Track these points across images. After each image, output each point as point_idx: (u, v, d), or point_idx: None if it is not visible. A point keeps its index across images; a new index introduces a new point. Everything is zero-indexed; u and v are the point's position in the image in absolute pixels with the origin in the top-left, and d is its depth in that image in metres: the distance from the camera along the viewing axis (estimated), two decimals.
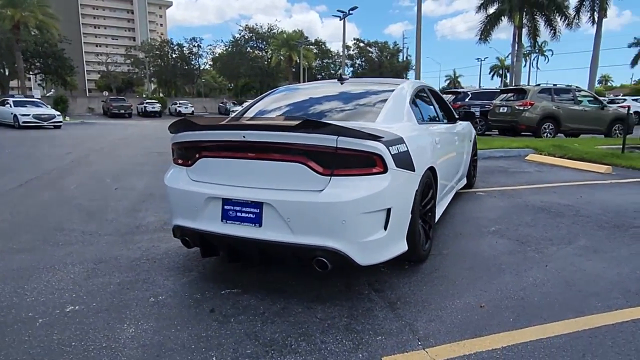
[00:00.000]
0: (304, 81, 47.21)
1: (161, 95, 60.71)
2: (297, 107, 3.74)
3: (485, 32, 32.24)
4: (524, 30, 30.35)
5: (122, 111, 39.40)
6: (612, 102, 24.99)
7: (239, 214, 2.74)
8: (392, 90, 3.63)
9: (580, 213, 4.86)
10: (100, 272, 3.31)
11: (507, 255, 3.61)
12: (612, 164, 7.84)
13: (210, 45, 78.54)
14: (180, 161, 3.12)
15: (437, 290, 2.98)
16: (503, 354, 2.23)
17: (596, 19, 29.19)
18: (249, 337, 2.40)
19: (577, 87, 14.40)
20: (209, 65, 61.34)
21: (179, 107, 44.24)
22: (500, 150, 9.77)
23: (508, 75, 64.23)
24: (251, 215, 2.70)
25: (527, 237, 4.04)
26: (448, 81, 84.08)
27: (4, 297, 2.90)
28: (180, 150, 3.10)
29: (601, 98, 15.35)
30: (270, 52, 55.09)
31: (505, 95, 14.14)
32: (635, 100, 27.80)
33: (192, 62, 58.32)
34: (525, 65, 50.49)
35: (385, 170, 2.64)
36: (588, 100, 13.63)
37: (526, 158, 9.35)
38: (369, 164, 2.62)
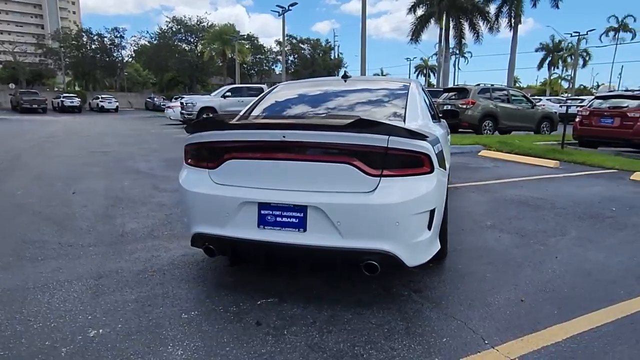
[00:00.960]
0: (241, 77, 46.18)
1: (77, 88, 56.03)
2: (315, 105, 3.58)
3: (416, 33, 33.99)
4: (451, 32, 32.32)
5: (35, 106, 35.62)
6: None
7: (278, 218, 2.57)
8: (406, 89, 3.63)
9: (556, 206, 5.23)
10: (106, 289, 2.95)
11: (516, 249, 3.77)
12: (557, 158, 8.54)
13: (135, 36, 74.05)
14: (200, 163, 2.84)
15: (472, 287, 3.02)
16: (567, 347, 2.31)
17: (513, 24, 32.04)
18: (314, 350, 2.27)
19: (509, 87, 15.53)
20: (132, 57, 57.70)
21: (101, 102, 41.16)
22: (454, 147, 10.24)
23: (432, 74, 68.23)
24: (294, 220, 2.54)
25: (523, 231, 4.25)
26: None
27: (3, 325, 2.47)
28: (201, 151, 2.83)
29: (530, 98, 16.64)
30: (201, 46, 53.02)
31: (447, 94, 14.87)
32: (549, 100, 30.64)
33: (114, 54, 54.47)
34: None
35: (432, 170, 2.61)
36: (519, 100, 14.75)
37: (479, 154, 9.90)
38: (417, 164, 2.57)
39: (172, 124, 21.40)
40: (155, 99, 44.31)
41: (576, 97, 31.56)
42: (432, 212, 2.67)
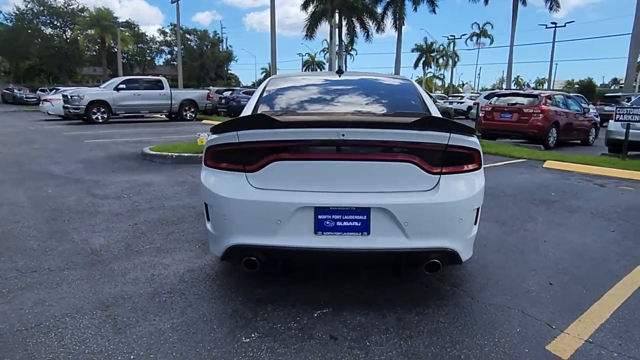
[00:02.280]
0: (123, 68, 42.22)
1: None
2: (334, 100, 3.37)
3: (310, 29, 34.78)
4: (344, 30, 33.73)
5: None
6: None
7: (339, 223, 2.39)
8: (409, 84, 3.65)
9: (506, 193, 5.76)
10: (126, 319, 2.47)
11: (507, 236, 4.06)
12: None
13: None
14: (233, 166, 2.50)
15: (501, 276, 3.17)
16: (618, 321, 2.54)
17: (397, 25, 34.73)
18: (412, 358, 2.17)
19: None
20: None
21: None
22: None
23: (320, 70, 70.37)
24: (356, 224, 2.39)
25: (500, 218, 4.59)
26: (264, 73, 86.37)
27: None
28: (236, 152, 2.48)
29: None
30: (71, 31, 47.02)
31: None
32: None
33: None
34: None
35: (480, 166, 2.68)
36: None
37: None
38: (470, 160, 2.60)
39: (51, 119, 18.71)
40: (16, 91, 38.20)
41: (455, 95, 35.20)
42: (479, 208, 2.73)
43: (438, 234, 2.46)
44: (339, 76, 3.77)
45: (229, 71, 63.67)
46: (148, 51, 55.57)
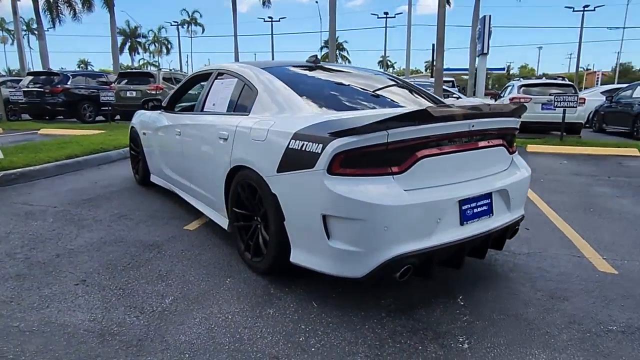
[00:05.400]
0: None
1: None
2: (353, 92, 3.02)
3: None
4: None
5: None
6: None
7: (475, 210, 2.34)
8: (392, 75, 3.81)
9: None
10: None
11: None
12: None
13: None
14: (377, 169, 2.13)
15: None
16: None
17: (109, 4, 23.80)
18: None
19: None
20: None
21: None
22: None
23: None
24: (484, 208, 2.40)
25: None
26: None
27: None
28: (382, 154, 2.10)
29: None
30: None
31: (124, 79, 13.40)
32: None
33: None
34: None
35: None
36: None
37: None
38: (514, 141, 2.80)
39: None
40: None
41: None
42: None
43: (521, 204, 2.72)
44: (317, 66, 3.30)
45: None
46: None
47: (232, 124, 2.75)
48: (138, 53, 58.43)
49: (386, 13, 39.29)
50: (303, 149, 2.15)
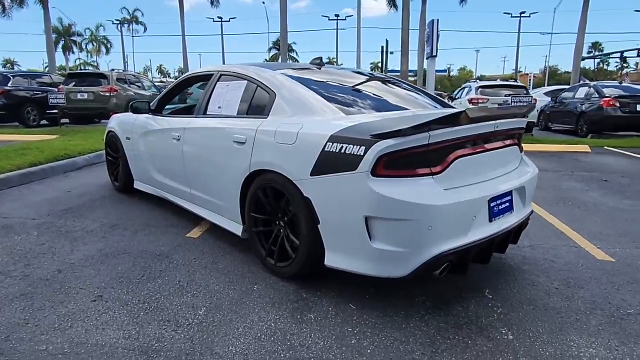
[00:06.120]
0: None
1: None
2: (372, 94, 3.05)
3: None
4: None
5: None
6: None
7: (501, 207, 2.43)
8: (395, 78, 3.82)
9: None
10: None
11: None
12: None
13: None
14: (417, 170, 2.16)
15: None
16: None
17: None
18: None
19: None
20: None
21: None
22: None
23: None
24: (507, 205, 2.48)
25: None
26: None
27: None
28: (423, 155, 2.15)
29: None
30: None
31: (73, 80, 12.47)
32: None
33: None
34: None
35: None
36: (154, 87, 14.50)
37: None
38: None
39: None
40: None
41: None
42: None
43: (531, 200, 2.82)
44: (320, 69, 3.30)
45: None
46: None
47: (251, 127, 2.67)
48: (73, 53, 54.99)
49: (337, 15, 40.59)
50: (342, 151, 2.12)
